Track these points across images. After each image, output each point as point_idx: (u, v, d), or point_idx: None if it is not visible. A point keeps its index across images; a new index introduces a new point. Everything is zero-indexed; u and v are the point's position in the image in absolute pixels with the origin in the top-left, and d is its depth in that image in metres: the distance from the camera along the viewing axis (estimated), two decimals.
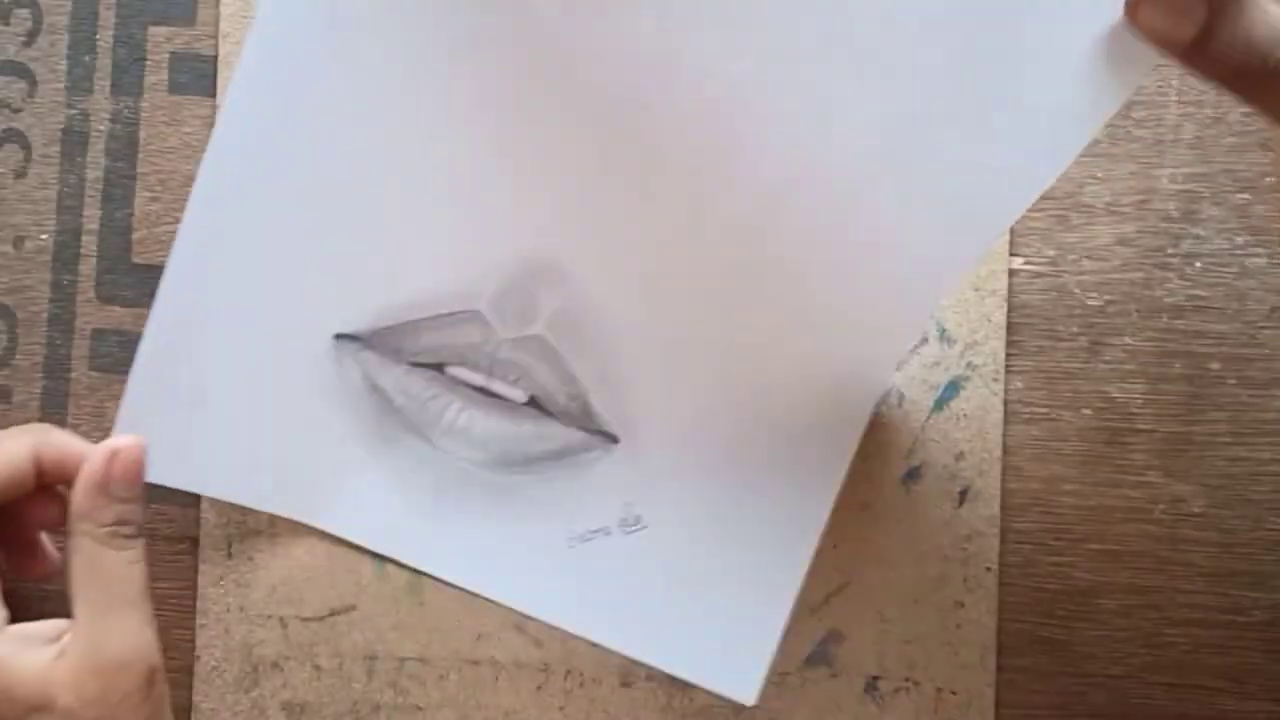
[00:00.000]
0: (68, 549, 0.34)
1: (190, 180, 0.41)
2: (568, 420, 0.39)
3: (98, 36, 0.41)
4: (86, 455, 0.35)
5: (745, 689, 0.39)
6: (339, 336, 0.39)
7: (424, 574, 0.40)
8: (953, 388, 0.39)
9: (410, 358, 0.39)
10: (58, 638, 0.33)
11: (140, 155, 0.41)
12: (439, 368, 0.39)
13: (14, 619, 0.34)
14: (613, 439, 0.39)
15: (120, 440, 0.35)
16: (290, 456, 0.39)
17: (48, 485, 0.36)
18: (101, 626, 0.33)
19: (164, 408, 0.37)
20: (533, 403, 0.39)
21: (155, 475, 0.36)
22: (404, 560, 0.40)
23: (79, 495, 0.34)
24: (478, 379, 0.39)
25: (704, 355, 0.38)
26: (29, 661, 0.32)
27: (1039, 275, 0.39)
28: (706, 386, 0.39)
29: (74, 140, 0.41)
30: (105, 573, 0.33)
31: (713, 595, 0.39)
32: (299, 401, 0.39)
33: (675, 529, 0.39)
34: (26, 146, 0.41)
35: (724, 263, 0.37)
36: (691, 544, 0.39)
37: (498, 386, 0.39)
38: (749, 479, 0.39)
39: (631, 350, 0.39)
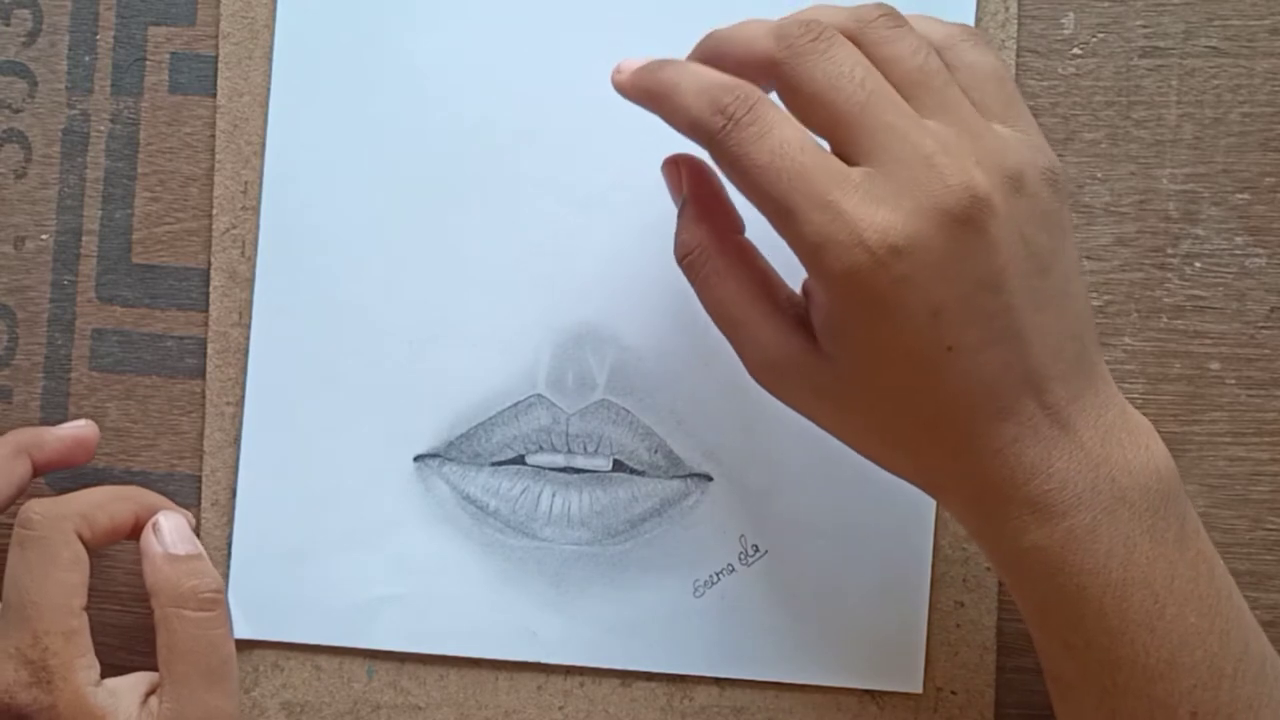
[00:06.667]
0: (155, 621, 0.36)
1: (190, 180, 0.41)
2: (657, 473, 0.39)
3: (98, 36, 0.41)
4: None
5: (910, 680, 0.39)
6: (419, 458, 0.40)
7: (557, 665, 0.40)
8: None
9: (490, 459, 0.39)
10: (146, 695, 0.36)
11: (140, 155, 0.41)
12: (520, 460, 0.39)
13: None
14: (706, 478, 0.39)
15: (160, 515, 0.38)
16: (402, 591, 0.40)
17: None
18: (184, 696, 0.35)
19: (268, 571, 0.40)
20: (619, 467, 0.39)
21: (275, 634, 0.39)
22: (545, 661, 0.39)
23: (147, 571, 0.36)
24: (559, 460, 0.39)
25: None
26: (122, 717, 0.35)
27: None
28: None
29: (74, 140, 0.41)
30: (185, 644, 0.36)
31: (851, 599, 0.39)
32: (396, 533, 0.40)
33: (796, 546, 0.39)
34: (27, 147, 0.41)
35: None
36: (816, 556, 0.39)
37: (580, 461, 0.39)
38: (851, 475, 0.39)
39: (695, 387, 0.39)
